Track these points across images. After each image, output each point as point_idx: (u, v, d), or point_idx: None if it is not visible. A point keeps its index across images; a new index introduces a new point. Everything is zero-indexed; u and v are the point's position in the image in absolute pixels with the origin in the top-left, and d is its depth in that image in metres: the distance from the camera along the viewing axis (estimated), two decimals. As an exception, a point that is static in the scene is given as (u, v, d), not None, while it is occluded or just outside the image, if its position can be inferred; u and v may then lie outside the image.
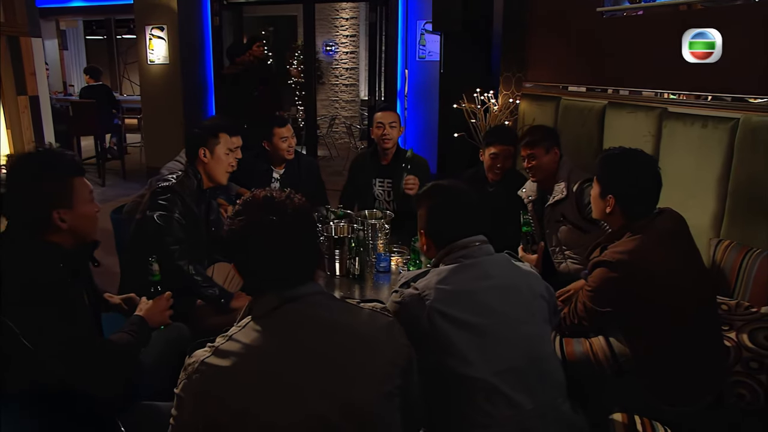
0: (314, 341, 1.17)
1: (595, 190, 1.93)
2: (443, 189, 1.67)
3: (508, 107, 3.98)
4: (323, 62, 10.82)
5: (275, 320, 1.18)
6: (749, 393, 1.86)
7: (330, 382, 1.14)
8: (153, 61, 6.24)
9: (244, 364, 1.13)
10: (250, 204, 1.24)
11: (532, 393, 1.44)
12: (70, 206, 1.58)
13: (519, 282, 1.56)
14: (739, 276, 2.32)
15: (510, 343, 1.46)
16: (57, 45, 8.21)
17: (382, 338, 1.24)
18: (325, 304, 1.24)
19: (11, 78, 4.44)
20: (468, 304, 1.47)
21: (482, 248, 1.58)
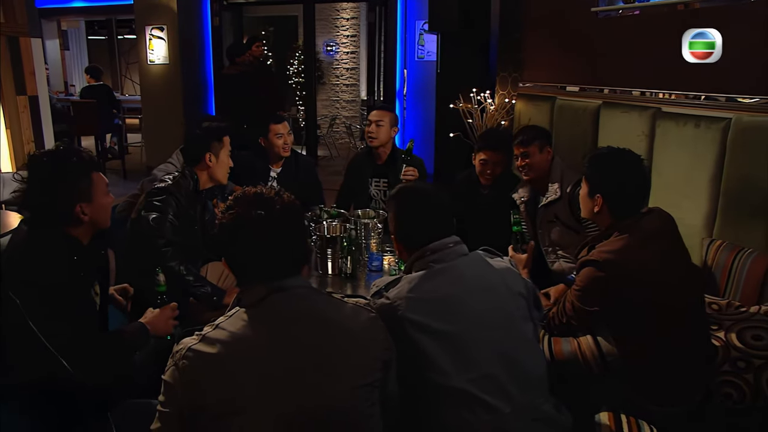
0: (300, 331, 1.21)
1: (584, 190, 1.93)
2: (410, 192, 1.66)
3: (504, 107, 3.99)
4: (324, 62, 10.84)
5: (262, 310, 1.23)
6: (736, 392, 1.87)
7: (314, 372, 1.17)
8: (153, 61, 6.27)
9: (230, 352, 1.16)
10: (240, 200, 1.29)
11: (510, 396, 1.43)
12: (90, 200, 1.70)
13: (494, 282, 1.54)
14: (730, 276, 2.32)
15: (485, 349, 1.45)
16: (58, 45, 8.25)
17: (365, 332, 1.27)
18: (311, 296, 1.28)
19: (11, 78, 4.48)
20: (440, 312, 1.45)
21: (455, 250, 1.55)
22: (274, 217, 1.24)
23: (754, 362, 1.89)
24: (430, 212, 1.60)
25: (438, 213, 1.61)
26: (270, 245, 1.24)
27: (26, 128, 4.62)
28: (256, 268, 1.25)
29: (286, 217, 1.26)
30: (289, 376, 1.16)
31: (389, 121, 3.30)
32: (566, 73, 3.50)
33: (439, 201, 1.63)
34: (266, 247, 1.24)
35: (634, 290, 1.72)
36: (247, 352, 1.17)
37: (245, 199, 1.27)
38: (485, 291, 1.51)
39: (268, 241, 1.24)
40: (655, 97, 2.88)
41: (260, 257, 1.24)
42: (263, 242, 1.24)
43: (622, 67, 3.07)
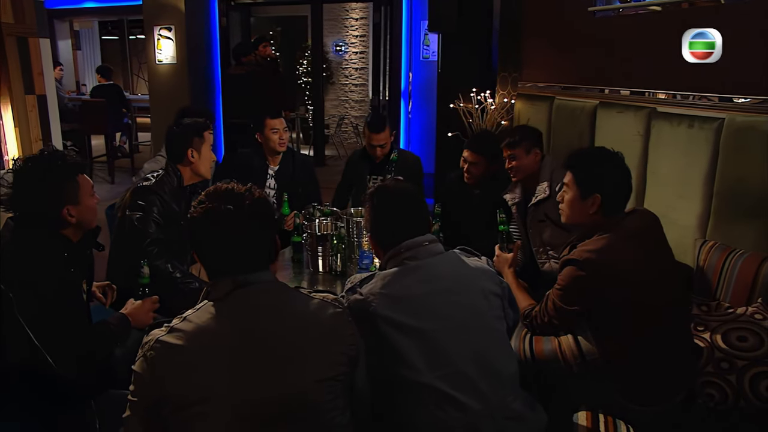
0: (264, 325, 1.23)
1: (572, 194, 1.87)
2: (386, 191, 1.66)
3: (504, 107, 3.99)
4: (333, 62, 10.88)
5: (228, 304, 1.25)
6: (718, 393, 1.86)
7: (276, 365, 1.20)
8: (161, 60, 6.34)
9: (195, 344, 1.19)
10: (211, 194, 1.32)
11: (481, 394, 1.45)
12: (77, 202, 1.74)
13: (468, 281, 1.55)
14: (721, 277, 2.30)
15: (456, 346, 1.46)
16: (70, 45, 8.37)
17: (330, 327, 1.29)
18: (277, 291, 1.31)
19: (19, 77, 4.55)
20: (413, 309, 1.47)
21: (429, 248, 1.56)
22: (241, 213, 1.26)
23: (738, 363, 1.88)
24: (405, 211, 1.61)
25: (413, 212, 1.62)
26: (237, 240, 1.26)
27: (34, 127, 4.69)
28: (224, 262, 1.27)
29: (253, 212, 1.28)
30: (251, 369, 1.18)
31: (389, 135, 3.35)
32: (564, 73, 3.49)
33: (414, 200, 1.65)
34: (233, 241, 1.26)
35: (613, 289, 1.72)
36: (211, 344, 1.19)
37: (216, 194, 1.30)
38: (458, 290, 1.53)
39: (235, 235, 1.26)
40: (650, 97, 2.87)
41: (227, 251, 1.27)
42: (230, 237, 1.26)
43: (618, 67, 3.06)
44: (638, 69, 2.90)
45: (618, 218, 1.81)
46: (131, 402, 1.22)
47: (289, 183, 3.34)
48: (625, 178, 1.85)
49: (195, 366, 1.17)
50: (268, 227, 1.33)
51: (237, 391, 1.16)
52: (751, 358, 1.88)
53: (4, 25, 4.45)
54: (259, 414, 1.17)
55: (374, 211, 1.64)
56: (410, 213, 1.61)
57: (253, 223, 1.28)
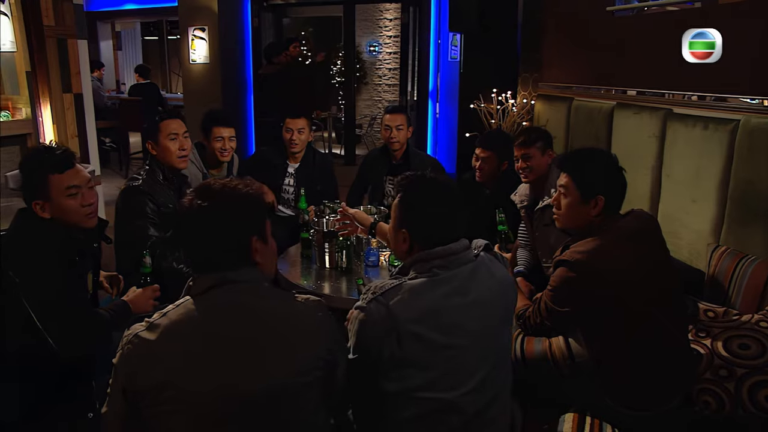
0: (238, 325, 1.23)
1: (572, 198, 1.83)
2: (432, 183, 1.51)
3: (525, 107, 3.96)
4: (367, 62, 10.95)
5: (205, 301, 1.25)
6: (715, 401, 1.81)
7: (248, 365, 1.20)
8: (195, 60, 6.50)
9: (167, 340, 1.20)
10: (198, 190, 1.32)
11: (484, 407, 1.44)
12: (47, 198, 1.80)
13: (495, 296, 1.47)
14: (732, 283, 2.25)
15: (479, 363, 1.43)
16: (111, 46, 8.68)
17: (308, 330, 1.27)
18: (257, 291, 1.29)
19: (58, 77, 4.77)
20: (442, 325, 1.39)
21: (461, 257, 1.45)
22: (212, 209, 1.26)
23: (737, 371, 1.83)
24: (450, 209, 1.48)
25: (457, 211, 1.49)
26: (210, 236, 1.26)
27: (71, 124, 4.90)
28: (202, 258, 1.28)
29: (225, 209, 1.27)
30: (223, 367, 1.18)
31: (406, 123, 3.37)
32: (582, 73, 3.45)
33: (459, 198, 1.51)
34: (206, 238, 1.26)
35: (603, 291, 1.70)
36: (184, 340, 1.21)
37: (201, 190, 1.30)
38: (486, 306, 1.45)
39: (209, 232, 1.26)
40: (666, 98, 2.82)
41: (201, 248, 1.28)
42: (204, 233, 1.26)
43: (635, 68, 3.01)
44: (655, 69, 2.84)
45: (613, 219, 1.79)
46: (109, 395, 1.24)
47: (308, 181, 3.41)
48: (623, 178, 1.83)
49: (166, 362, 1.18)
50: (242, 224, 1.30)
51: (208, 388, 1.17)
52: (752, 367, 1.83)
53: (45, 28, 4.67)
54: (230, 411, 1.18)
55: (417, 203, 1.49)
56: (455, 212, 1.49)
57: (225, 220, 1.27)
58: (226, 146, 3.04)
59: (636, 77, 3.01)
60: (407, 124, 3.37)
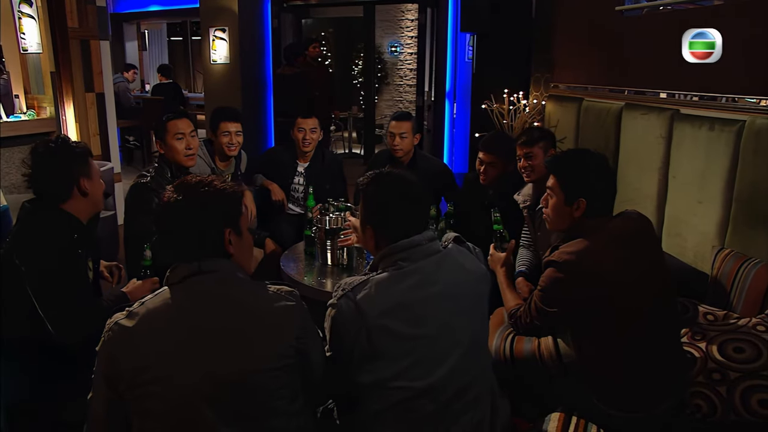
0: (211, 312, 1.30)
1: (557, 199, 1.84)
2: (396, 178, 1.57)
3: (536, 108, 3.94)
4: (388, 63, 10.98)
5: (180, 290, 1.33)
6: (706, 405, 1.79)
7: (218, 352, 1.25)
8: (215, 60, 6.60)
9: (145, 327, 1.27)
10: (174, 185, 1.40)
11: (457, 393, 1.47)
12: (90, 176, 1.96)
13: (464, 286, 1.51)
14: (734, 286, 2.22)
15: (449, 351, 1.46)
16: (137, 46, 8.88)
17: (279, 319, 1.32)
18: (229, 280, 1.36)
19: (81, 77, 4.91)
20: (409, 317, 1.43)
21: (425, 249, 1.49)
22: (189, 202, 1.33)
23: (730, 375, 1.81)
24: (410, 203, 1.53)
25: (418, 205, 1.55)
26: (184, 227, 1.34)
27: (92, 122, 5.05)
28: (177, 249, 1.35)
29: (202, 201, 1.34)
30: (195, 354, 1.25)
31: (411, 130, 3.36)
32: (592, 73, 3.42)
33: (421, 192, 1.56)
34: (182, 228, 1.34)
35: (591, 292, 1.69)
36: (159, 327, 1.27)
37: (178, 185, 1.39)
38: (453, 295, 1.49)
39: (183, 223, 1.34)
40: (674, 99, 2.78)
41: (178, 238, 1.35)
42: (179, 224, 1.34)
43: (643, 68, 2.97)
44: (663, 70, 2.81)
45: (603, 221, 1.78)
46: (93, 381, 1.31)
47: (317, 180, 3.45)
48: (610, 181, 1.81)
49: (143, 348, 1.25)
50: (209, 217, 1.36)
51: (182, 373, 1.23)
52: (745, 371, 1.80)
53: (69, 30, 4.82)
54: (204, 396, 1.23)
55: (382, 198, 1.54)
56: (418, 205, 1.54)
57: (190, 214, 1.33)
58: (233, 141, 3.13)
59: (643, 77, 2.98)
60: (413, 132, 3.33)
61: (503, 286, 2.12)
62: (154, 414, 1.25)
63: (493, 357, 1.96)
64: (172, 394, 1.24)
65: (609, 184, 1.81)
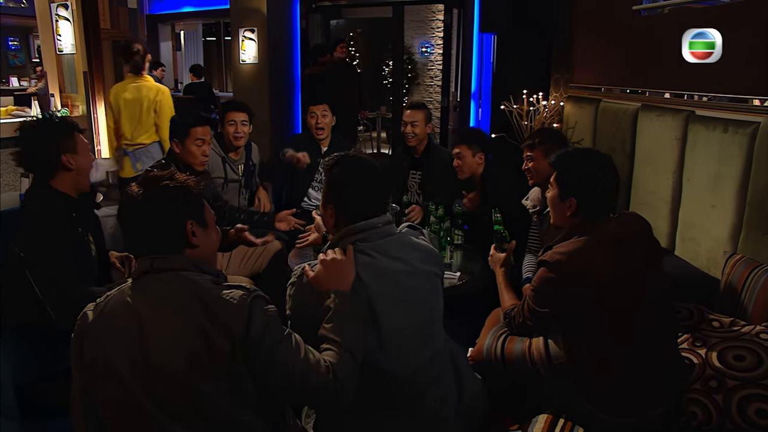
0: (157, 311, 1.31)
1: (553, 193, 1.86)
2: (360, 161, 1.64)
3: (555, 109, 3.90)
4: (419, 63, 10.97)
5: (139, 284, 1.36)
6: (701, 412, 1.75)
7: (160, 348, 1.28)
8: (244, 60, 6.72)
9: (103, 320, 1.33)
10: (138, 181, 1.44)
11: (420, 365, 1.56)
12: (75, 152, 2.03)
13: (419, 264, 1.61)
14: (743, 293, 2.16)
15: (408, 325, 1.55)
16: (171, 47, 9.11)
17: (225, 318, 1.29)
18: (183, 277, 1.35)
19: (112, 76, 5.10)
20: (366, 292, 1.50)
21: (381, 231, 1.58)
22: (148, 195, 1.37)
23: (728, 383, 1.76)
24: (370, 185, 1.61)
25: (377, 188, 1.63)
26: (145, 221, 1.37)
27: (122, 120, 5.22)
28: (139, 243, 1.39)
29: (161, 195, 1.37)
30: (137, 350, 1.28)
31: (423, 119, 3.42)
32: (609, 74, 3.37)
33: (380, 175, 1.64)
34: (142, 222, 1.38)
35: (582, 292, 1.68)
36: (111, 322, 1.32)
37: (140, 180, 1.43)
38: (409, 272, 1.58)
39: (143, 216, 1.37)
40: (689, 100, 2.71)
41: (139, 232, 1.39)
42: (139, 218, 1.38)
43: (659, 68, 2.91)
44: (678, 70, 2.74)
45: (598, 222, 1.76)
46: (72, 365, 1.37)
47: None
48: (607, 184, 1.79)
49: (99, 340, 1.31)
50: (181, 209, 1.39)
51: (127, 369, 1.27)
52: (744, 379, 1.75)
53: (102, 31, 5.00)
54: (148, 392, 1.27)
55: (335, 182, 1.62)
56: (372, 189, 1.61)
57: (148, 209, 1.37)
58: (239, 130, 3.24)
59: (659, 78, 2.92)
60: (426, 121, 3.44)
61: (501, 286, 2.12)
62: (107, 406, 1.31)
63: (484, 356, 1.96)
64: (119, 389, 1.28)
65: (605, 188, 1.79)
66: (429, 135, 3.52)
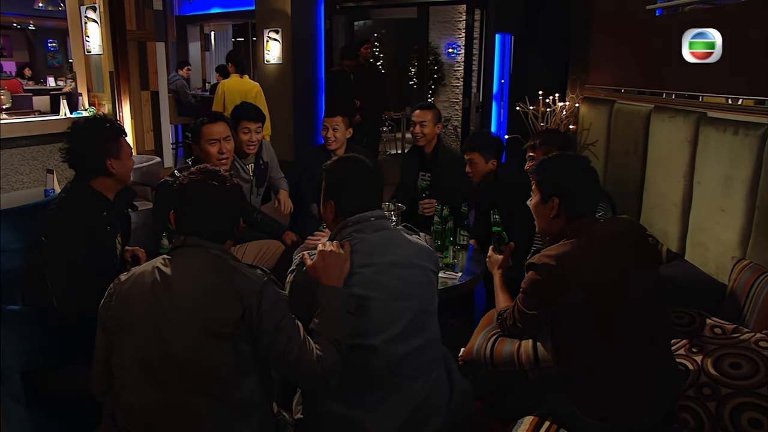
0: (180, 280, 1.46)
1: (535, 199, 1.86)
2: (356, 160, 1.78)
3: (570, 110, 3.85)
4: (445, 64, 10.92)
5: (172, 254, 1.52)
6: (694, 420, 1.71)
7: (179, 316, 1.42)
8: (269, 60, 6.82)
9: (128, 284, 1.48)
10: (201, 169, 1.61)
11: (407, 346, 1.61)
12: (118, 157, 2.12)
13: (412, 258, 1.68)
14: (748, 299, 2.10)
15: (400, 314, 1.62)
16: (200, 47, 9.30)
17: (230, 291, 1.45)
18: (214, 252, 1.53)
19: (137, 76, 5.23)
20: (357, 281, 1.61)
21: (375, 224, 1.68)
22: (217, 188, 1.54)
23: (721, 390, 1.72)
24: (366, 182, 1.73)
25: (372, 185, 1.75)
26: (196, 206, 1.54)
27: (147, 119, 5.36)
28: (190, 224, 1.55)
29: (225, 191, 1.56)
30: (162, 314, 1.42)
31: (432, 119, 3.41)
32: (623, 75, 3.31)
33: (375, 174, 1.77)
34: (196, 208, 1.55)
35: (569, 295, 1.66)
36: (140, 285, 1.46)
37: (204, 171, 1.59)
38: (402, 264, 1.66)
39: (190, 204, 1.55)
40: (701, 101, 2.65)
41: (184, 215, 1.56)
42: (190, 204, 1.55)
43: (672, 69, 2.85)
44: (690, 71, 2.69)
45: (586, 224, 1.74)
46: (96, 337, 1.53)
47: None
48: (586, 182, 1.79)
49: (127, 300, 1.47)
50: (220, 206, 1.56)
51: (151, 325, 1.41)
52: (738, 387, 1.71)
53: (128, 32, 5.14)
54: (166, 352, 1.40)
55: (333, 177, 1.75)
56: (365, 183, 1.73)
57: (205, 199, 1.54)
58: (253, 138, 3.24)
59: (673, 79, 2.86)
60: (434, 121, 3.44)
61: (498, 287, 2.11)
62: (125, 365, 1.44)
63: (474, 356, 1.96)
64: (139, 346, 1.42)
65: (586, 185, 1.80)
66: (438, 136, 3.51)
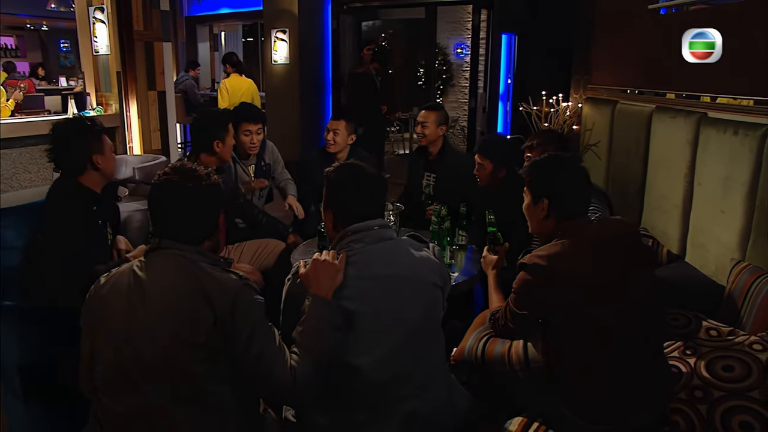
0: (152, 284, 1.43)
1: (527, 201, 1.85)
2: (360, 167, 1.71)
3: (573, 111, 3.83)
4: (454, 64, 10.90)
5: (148, 257, 1.49)
6: (685, 422, 1.69)
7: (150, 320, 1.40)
8: (276, 61, 6.85)
9: (107, 287, 1.46)
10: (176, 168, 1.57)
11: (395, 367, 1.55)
12: (102, 153, 2.21)
13: (414, 272, 1.60)
14: (746, 302, 2.09)
15: (390, 332, 1.54)
16: (209, 47, 9.36)
17: (217, 293, 1.41)
18: (190, 257, 1.47)
19: (144, 76, 5.27)
20: (351, 293, 1.53)
21: (376, 234, 1.60)
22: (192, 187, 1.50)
23: (713, 393, 1.70)
24: (366, 190, 1.66)
25: (373, 192, 1.68)
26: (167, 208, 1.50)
27: (153, 118, 5.40)
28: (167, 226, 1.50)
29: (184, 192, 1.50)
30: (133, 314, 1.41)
31: (435, 120, 3.39)
32: (625, 75, 3.29)
33: (376, 181, 1.70)
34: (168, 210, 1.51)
35: (560, 295, 1.65)
36: (115, 289, 1.45)
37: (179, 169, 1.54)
38: (403, 278, 1.59)
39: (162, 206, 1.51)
40: (702, 101, 2.63)
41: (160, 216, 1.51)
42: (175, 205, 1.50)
43: (673, 69, 2.82)
44: (691, 70, 2.66)
45: (577, 225, 1.73)
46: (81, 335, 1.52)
47: None
48: (576, 183, 1.78)
49: (103, 303, 1.45)
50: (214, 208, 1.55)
51: (125, 328, 1.41)
52: (730, 390, 1.69)
53: (135, 32, 5.18)
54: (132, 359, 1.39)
55: (333, 185, 1.69)
56: (366, 191, 1.66)
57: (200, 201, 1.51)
58: (254, 140, 3.26)
59: (674, 79, 2.83)
60: (437, 123, 3.40)
61: (491, 288, 2.11)
62: (102, 367, 1.43)
63: (465, 356, 1.96)
64: (114, 349, 1.41)
65: (576, 186, 1.79)
66: (444, 137, 3.50)
